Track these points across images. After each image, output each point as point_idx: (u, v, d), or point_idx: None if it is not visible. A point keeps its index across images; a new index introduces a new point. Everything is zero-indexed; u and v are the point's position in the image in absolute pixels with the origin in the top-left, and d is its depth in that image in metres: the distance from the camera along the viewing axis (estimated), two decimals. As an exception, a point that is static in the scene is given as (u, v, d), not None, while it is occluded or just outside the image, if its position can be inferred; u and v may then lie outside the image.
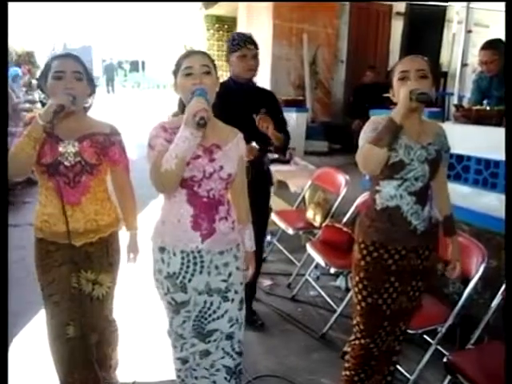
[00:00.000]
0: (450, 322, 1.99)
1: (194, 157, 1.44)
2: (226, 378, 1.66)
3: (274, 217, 3.39)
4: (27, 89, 5.96)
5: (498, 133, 2.15)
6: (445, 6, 7.04)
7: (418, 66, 1.59)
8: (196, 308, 1.58)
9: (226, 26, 9.92)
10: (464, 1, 4.03)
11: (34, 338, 2.37)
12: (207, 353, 1.63)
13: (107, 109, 8.85)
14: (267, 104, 2.42)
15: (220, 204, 1.53)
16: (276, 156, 3.84)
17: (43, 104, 1.70)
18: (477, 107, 3.05)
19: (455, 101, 3.86)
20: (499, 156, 2.44)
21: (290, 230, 3.22)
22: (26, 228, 2.98)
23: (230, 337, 1.62)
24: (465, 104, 3.59)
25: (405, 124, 1.57)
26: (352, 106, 6.20)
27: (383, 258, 1.68)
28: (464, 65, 3.85)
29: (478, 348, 1.91)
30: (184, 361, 1.64)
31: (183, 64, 1.48)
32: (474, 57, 3.96)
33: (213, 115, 1.46)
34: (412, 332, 1.94)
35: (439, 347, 2.07)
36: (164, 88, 20.23)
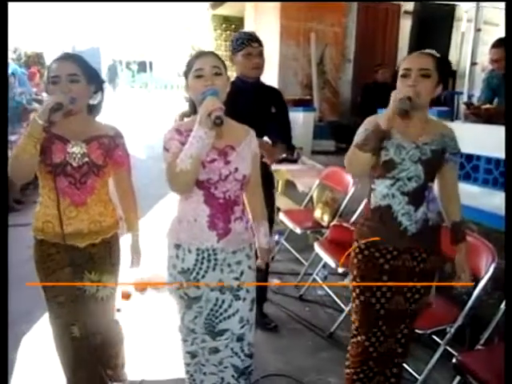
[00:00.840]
0: (459, 322, 1.98)
1: (209, 160, 1.47)
2: (233, 376, 1.67)
3: (281, 216, 3.40)
4: (36, 90, 6.04)
5: (508, 132, 2.13)
6: (454, 5, 6.96)
7: (421, 65, 1.55)
8: (208, 305, 1.59)
9: (234, 26, 9.86)
10: (472, 1, 4.00)
11: (46, 336, 2.40)
12: (216, 350, 1.64)
13: (108, 109, 8.87)
14: (275, 103, 2.42)
15: (235, 204, 1.55)
16: (283, 155, 3.83)
17: None
18: (486, 106, 3.02)
19: (464, 100, 3.83)
20: (509, 155, 2.41)
21: (298, 230, 3.22)
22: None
23: (240, 339, 1.64)
24: (475, 102, 3.56)
25: (401, 123, 1.55)
26: (360, 105, 6.15)
27: (375, 257, 1.67)
28: (473, 63, 3.82)
29: (487, 349, 1.90)
30: (193, 355, 1.66)
31: (194, 66, 1.49)
32: (483, 55, 3.92)
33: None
34: (421, 332, 1.93)
35: (448, 348, 2.05)
36: (172, 88, 20.29)
